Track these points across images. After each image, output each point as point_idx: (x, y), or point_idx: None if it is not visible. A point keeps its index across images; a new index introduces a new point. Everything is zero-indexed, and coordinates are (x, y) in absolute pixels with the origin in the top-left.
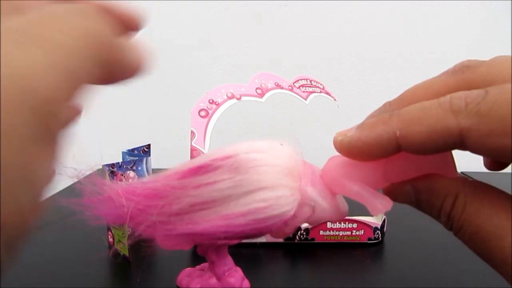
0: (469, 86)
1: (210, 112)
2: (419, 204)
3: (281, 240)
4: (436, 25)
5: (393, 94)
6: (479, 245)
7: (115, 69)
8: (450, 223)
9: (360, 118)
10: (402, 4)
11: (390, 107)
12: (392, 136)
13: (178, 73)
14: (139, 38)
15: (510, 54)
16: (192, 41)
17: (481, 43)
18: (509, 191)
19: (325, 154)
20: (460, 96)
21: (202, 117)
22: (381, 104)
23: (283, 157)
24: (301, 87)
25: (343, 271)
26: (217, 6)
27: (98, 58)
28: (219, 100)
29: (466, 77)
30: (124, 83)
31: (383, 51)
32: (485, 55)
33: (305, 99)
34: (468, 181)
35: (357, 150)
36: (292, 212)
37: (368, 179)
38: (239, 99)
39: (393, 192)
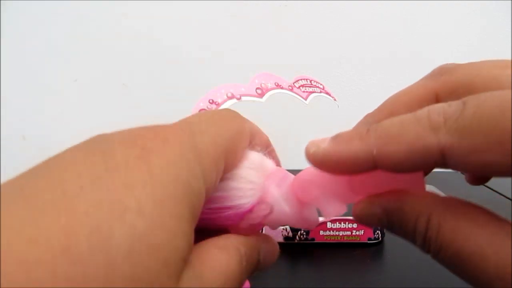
0: (449, 89)
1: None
2: (391, 227)
3: (281, 240)
4: (436, 25)
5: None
6: (461, 268)
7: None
8: (427, 246)
9: (360, 118)
10: (403, 4)
11: (372, 118)
12: (369, 155)
13: (178, 73)
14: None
15: (510, 54)
16: (192, 41)
17: (481, 43)
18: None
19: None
20: (438, 111)
21: None
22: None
23: (254, 154)
24: (301, 87)
25: (343, 271)
26: (217, 6)
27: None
28: (219, 100)
29: (445, 79)
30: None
31: (383, 51)
32: (485, 55)
33: (305, 99)
34: (439, 198)
35: (330, 165)
36: (248, 206)
37: (337, 190)
38: (239, 99)
39: (361, 216)
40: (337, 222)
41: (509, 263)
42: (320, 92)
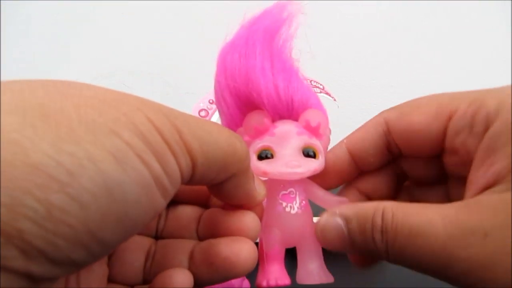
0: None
1: (210, 112)
2: (351, 234)
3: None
4: (436, 25)
5: (393, 94)
6: (417, 245)
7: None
8: (384, 240)
9: (360, 118)
10: (403, 4)
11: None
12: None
13: (178, 73)
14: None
15: (510, 54)
16: (192, 40)
17: (481, 43)
18: None
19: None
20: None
21: (202, 117)
22: (380, 105)
23: None
24: None
25: (343, 271)
26: (217, 6)
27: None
28: None
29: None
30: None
31: (383, 51)
32: (484, 55)
33: None
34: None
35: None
36: None
37: None
38: None
39: (325, 227)
40: None
41: (455, 224)
42: (320, 92)
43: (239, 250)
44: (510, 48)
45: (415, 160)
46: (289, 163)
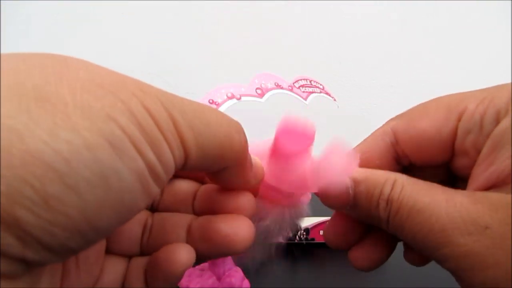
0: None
1: None
2: (357, 196)
3: (281, 240)
4: (436, 25)
5: (393, 94)
6: (416, 221)
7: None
8: (388, 209)
9: (360, 118)
10: (403, 4)
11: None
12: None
13: (178, 73)
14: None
15: (510, 54)
16: (192, 41)
17: (481, 43)
18: None
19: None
20: None
21: None
22: (380, 105)
23: None
24: (301, 87)
25: (343, 271)
26: (218, 6)
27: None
28: (219, 100)
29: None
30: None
31: (383, 51)
32: (484, 55)
33: (305, 99)
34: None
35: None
36: None
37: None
38: (239, 99)
39: (330, 186)
40: None
41: (458, 210)
42: (320, 92)
43: (238, 228)
44: (510, 48)
45: (423, 171)
46: None
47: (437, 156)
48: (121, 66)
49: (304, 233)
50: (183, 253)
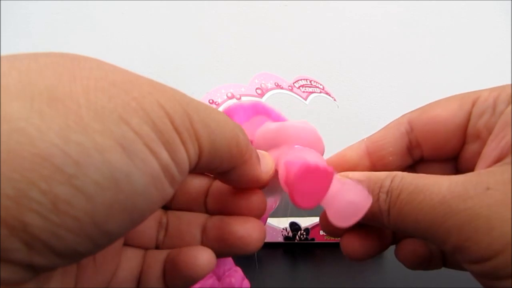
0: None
1: None
2: None
3: (281, 240)
4: (436, 25)
5: (393, 94)
6: (417, 201)
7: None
8: (388, 199)
9: (360, 118)
10: (403, 4)
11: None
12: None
13: (178, 73)
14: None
15: (510, 54)
16: (192, 40)
17: (481, 43)
18: None
19: (325, 153)
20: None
21: None
22: (380, 105)
23: None
24: (301, 87)
25: (343, 271)
26: (218, 6)
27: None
28: (219, 100)
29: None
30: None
31: (383, 51)
32: (484, 55)
33: (305, 99)
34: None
35: None
36: None
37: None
38: (239, 99)
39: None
40: None
41: (460, 183)
42: (320, 92)
43: (252, 230)
44: (510, 48)
45: (432, 166)
46: None
47: (449, 143)
48: (121, 66)
49: (304, 233)
50: (205, 258)
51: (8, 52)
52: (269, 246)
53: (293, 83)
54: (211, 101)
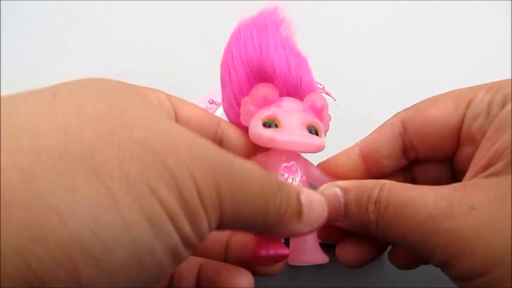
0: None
1: (210, 112)
2: (347, 204)
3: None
4: (436, 25)
5: (394, 94)
6: (404, 214)
7: None
8: (376, 210)
9: (360, 118)
10: (403, 4)
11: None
12: None
13: (178, 73)
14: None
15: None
16: (192, 41)
17: (481, 43)
18: None
19: (324, 153)
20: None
21: None
22: (381, 105)
23: None
24: None
25: (343, 271)
26: (217, 6)
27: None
28: (219, 100)
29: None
30: None
31: (383, 51)
32: (484, 55)
33: None
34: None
35: None
36: None
37: None
38: None
39: (323, 195)
40: None
41: (446, 198)
42: (320, 92)
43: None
44: (510, 48)
45: (428, 166)
46: (304, 134)
47: (443, 145)
48: (121, 66)
49: None
50: (244, 281)
51: (8, 52)
52: None
53: None
54: (211, 101)
